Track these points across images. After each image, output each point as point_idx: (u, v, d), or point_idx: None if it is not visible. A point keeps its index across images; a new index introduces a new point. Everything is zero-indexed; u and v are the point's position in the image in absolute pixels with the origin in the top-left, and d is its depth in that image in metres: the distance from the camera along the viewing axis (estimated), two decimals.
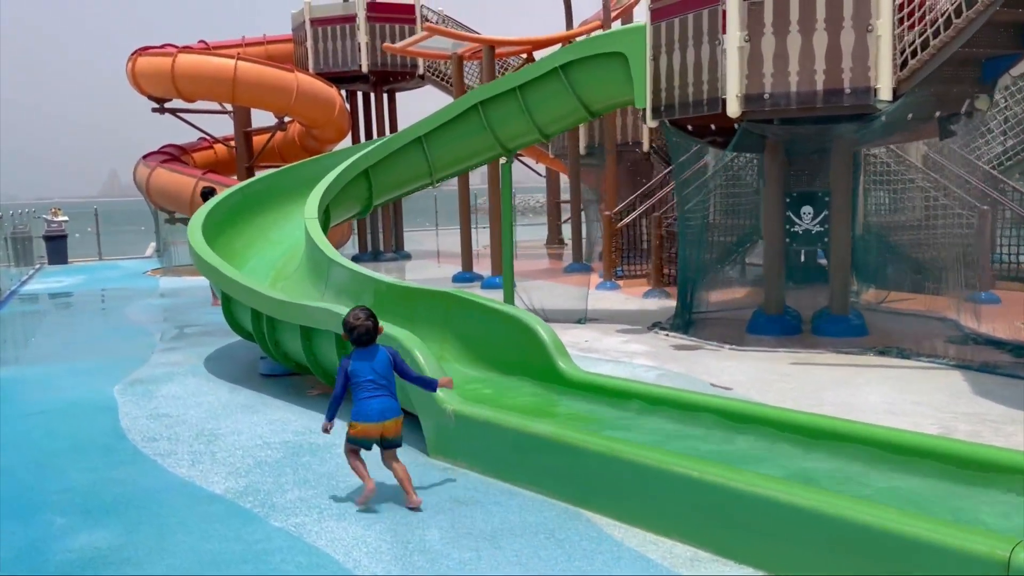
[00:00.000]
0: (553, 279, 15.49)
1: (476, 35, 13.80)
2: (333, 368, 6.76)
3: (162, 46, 18.82)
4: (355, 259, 20.34)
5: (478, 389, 6.15)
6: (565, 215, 23.99)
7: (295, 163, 10.84)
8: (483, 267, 15.83)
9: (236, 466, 5.42)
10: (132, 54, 18.57)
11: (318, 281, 8.35)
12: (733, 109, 8.20)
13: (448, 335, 6.95)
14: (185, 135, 21.20)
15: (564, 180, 23.36)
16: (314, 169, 10.87)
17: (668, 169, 14.15)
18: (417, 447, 5.58)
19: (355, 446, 4.73)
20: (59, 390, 7.80)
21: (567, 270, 16.71)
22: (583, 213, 19.70)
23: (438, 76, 20.19)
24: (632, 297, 12.73)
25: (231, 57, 17.88)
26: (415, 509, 4.58)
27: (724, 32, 8.22)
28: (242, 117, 19.70)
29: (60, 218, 23.21)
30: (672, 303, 12.02)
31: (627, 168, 17.51)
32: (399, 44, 16.27)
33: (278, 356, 7.41)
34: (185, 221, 19.48)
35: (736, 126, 8.46)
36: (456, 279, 15.25)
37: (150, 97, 18.74)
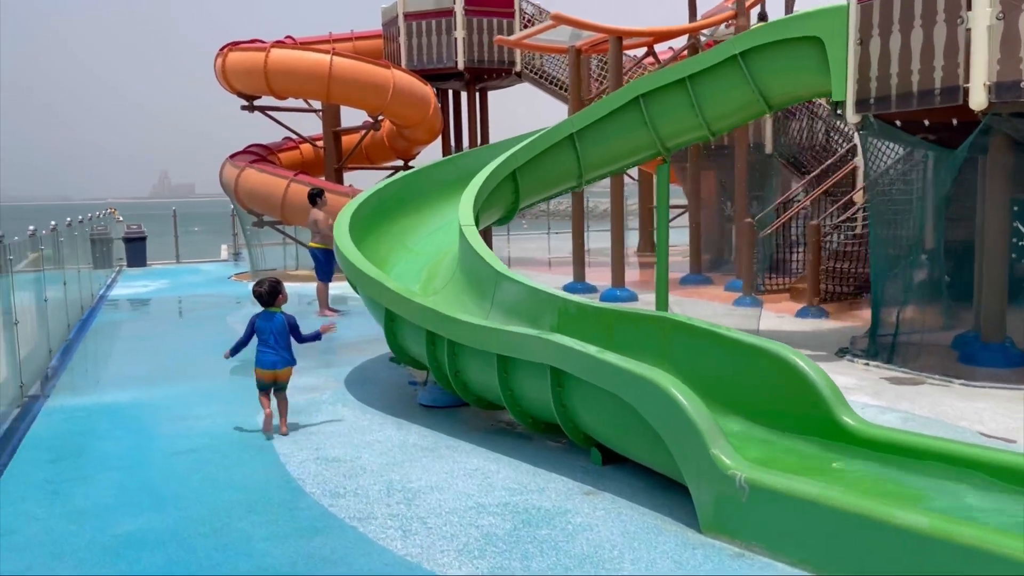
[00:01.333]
0: (674, 292, 14.26)
1: (603, 25, 12.63)
2: (537, 408, 5.65)
3: (250, 41, 18.01)
4: None
5: (737, 446, 4.97)
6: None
7: (428, 165, 9.80)
8: (594, 277, 14.71)
9: (462, 541, 4.31)
10: (222, 49, 17.78)
11: (481, 298, 7.25)
12: (978, 100, 6.91)
13: (669, 371, 5.78)
14: (230, 139, 20.42)
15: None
16: (447, 171, 9.82)
17: (816, 172, 12.86)
18: (683, 521, 4.43)
19: (259, 386, 6.37)
20: (196, 419, 6.80)
21: (684, 282, 15.46)
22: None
23: (535, 73, 19.10)
24: (784, 316, 11.45)
25: (325, 52, 16.97)
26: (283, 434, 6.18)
27: (968, 8, 6.94)
28: (331, 116, 18.83)
29: (116, 219, 22.67)
30: (833, 324, 10.77)
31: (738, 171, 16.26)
32: (514, 36, 15.18)
33: (457, 387, 6.30)
34: (273, 224, 18.70)
35: (980, 118, 7.16)
36: (567, 290, 14.09)
37: (239, 94, 17.92)
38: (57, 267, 10.65)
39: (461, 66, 18.49)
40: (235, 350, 6.50)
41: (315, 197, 12.44)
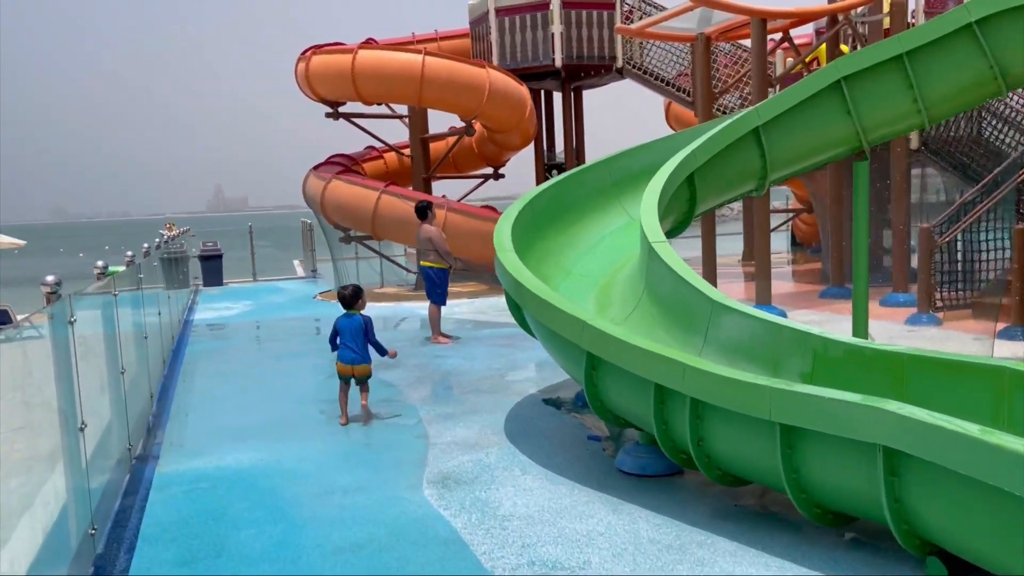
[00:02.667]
0: (817, 307, 12.60)
1: (748, 6, 11.06)
2: (842, 497, 4.11)
3: (332, 44, 16.81)
4: None
5: None
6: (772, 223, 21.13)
7: (579, 169, 8.34)
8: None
9: None
10: (304, 52, 16.64)
11: (687, 332, 5.75)
12: None
13: None
14: (281, 152, 19.25)
15: None
16: (601, 175, 8.36)
17: (997, 170, 11.08)
18: None
19: (340, 379, 7.24)
20: (343, 494, 5.41)
21: (824, 295, 13.76)
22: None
23: (638, 69, 17.56)
24: (979, 336, 9.70)
25: (417, 52, 15.69)
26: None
27: None
28: (419, 121, 17.57)
29: (173, 233, 21.75)
30: None
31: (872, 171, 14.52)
32: (636, 25, 13.68)
33: (697, 459, 4.77)
34: (362, 240, 17.48)
35: None
36: None
37: (323, 101, 16.75)
38: (148, 288, 9.47)
39: (559, 63, 17.05)
40: (333, 347, 7.42)
41: (424, 210, 11.09)
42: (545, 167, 18.65)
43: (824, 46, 14.92)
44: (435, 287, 11.03)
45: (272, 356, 10.81)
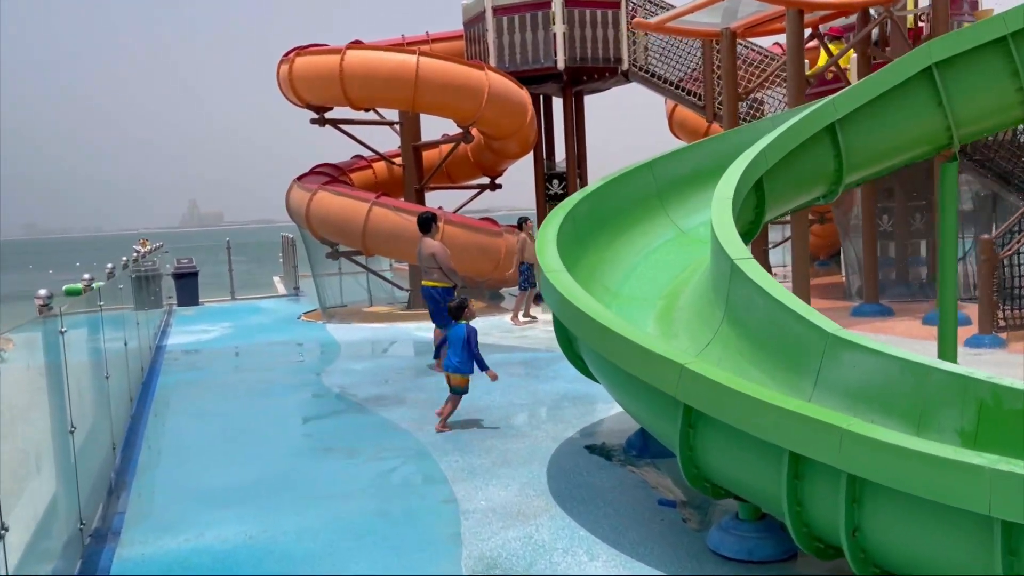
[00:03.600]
0: (855, 327, 11.50)
1: None
2: None
3: (317, 45, 15.54)
4: (539, 298, 16.70)
5: None
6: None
7: (618, 174, 7.13)
8: None
9: None
10: (288, 54, 15.37)
11: (792, 373, 4.55)
12: None
13: None
14: (257, 167, 17.98)
15: None
16: (644, 182, 7.19)
17: None
18: None
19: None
20: None
21: (857, 313, 12.68)
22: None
23: (644, 71, 16.48)
24: None
25: (411, 52, 14.49)
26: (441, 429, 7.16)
27: None
28: (411, 128, 16.34)
29: (146, 248, 20.39)
30: None
31: (897, 179, 13.55)
32: (656, 19, 12.56)
33: (851, 554, 3.55)
34: (350, 255, 16.19)
35: None
36: None
37: (309, 106, 15.48)
38: (115, 310, 8.15)
39: (561, 66, 15.91)
40: (436, 353, 8.22)
41: (428, 223, 9.82)
42: (545, 177, 17.49)
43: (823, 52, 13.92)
44: (440, 309, 9.77)
45: (257, 390, 9.50)
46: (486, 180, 17.71)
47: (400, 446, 6.79)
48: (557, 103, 18.18)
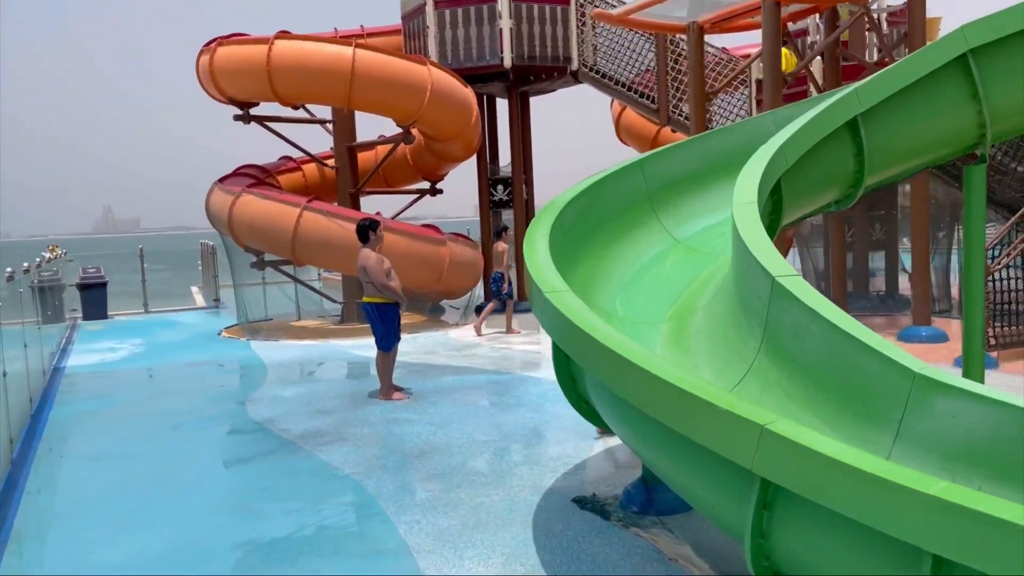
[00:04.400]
0: None
1: None
2: None
3: (240, 35, 14.14)
4: (480, 310, 15.66)
5: None
6: None
7: (606, 174, 6.08)
8: None
9: None
10: (209, 44, 13.95)
11: (863, 423, 3.59)
12: None
13: None
14: (177, 172, 16.54)
15: None
16: (632, 183, 6.18)
17: None
18: None
19: None
20: None
21: None
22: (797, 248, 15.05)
23: (596, 72, 15.60)
24: None
25: (346, 44, 13.25)
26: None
27: None
28: (346, 127, 15.10)
29: (54, 254, 18.62)
30: None
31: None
32: (618, 11, 11.60)
33: None
34: (277, 265, 14.82)
35: None
36: None
37: (232, 101, 14.07)
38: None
39: (508, 64, 14.90)
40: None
41: (365, 232, 8.60)
42: (489, 182, 16.42)
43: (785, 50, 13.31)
44: (378, 329, 8.58)
45: (170, 424, 8.14)
46: (426, 184, 16.54)
47: (346, 501, 5.59)
48: (501, 104, 17.15)
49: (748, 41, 17.65)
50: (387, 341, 8.58)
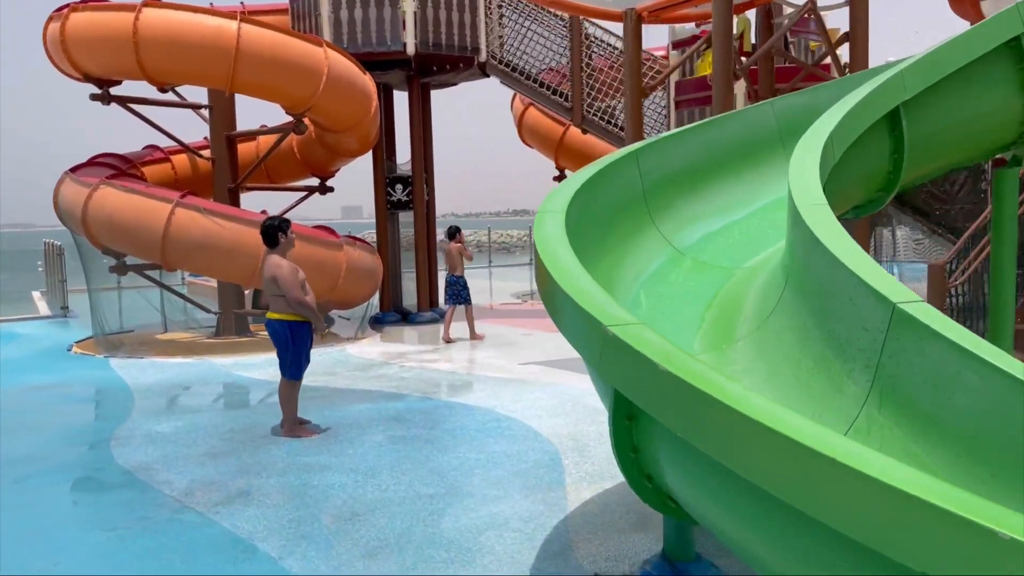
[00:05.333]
0: None
1: None
2: None
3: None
4: (376, 323, 14.28)
5: None
6: None
7: (604, 162, 4.88)
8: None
9: None
10: (60, 10, 11.84)
11: (972, 461, 2.62)
12: None
13: None
14: (16, 160, 14.46)
15: None
16: (627, 178, 5.05)
17: None
18: None
19: None
20: None
21: None
22: None
23: (506, 66, 14.48)
24: None
25: (229, 16, 11.53)
26: None
27: None
28: (225, 114, 13.33)
29: None
30: None
31: None
32: None
33: None
34: (140, 269, 12.84)
35: None
36: None
37: (88, 77, 12.03)
38: None
39: (411, 51, 13.54)
40: None
41: (275, 233, 7.10)
42: (386, 180, 14.97)
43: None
44: (291, 351, 7.08)
45: (9, 476, 6.34)
46: (315, 181, 14.91)
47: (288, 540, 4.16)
48: (399, 97, 15.73)
49: (658, 42, 16.99)
50: (297, 367, 7.09)
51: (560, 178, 17.90)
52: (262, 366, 10.63)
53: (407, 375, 9.86)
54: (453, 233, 12.59)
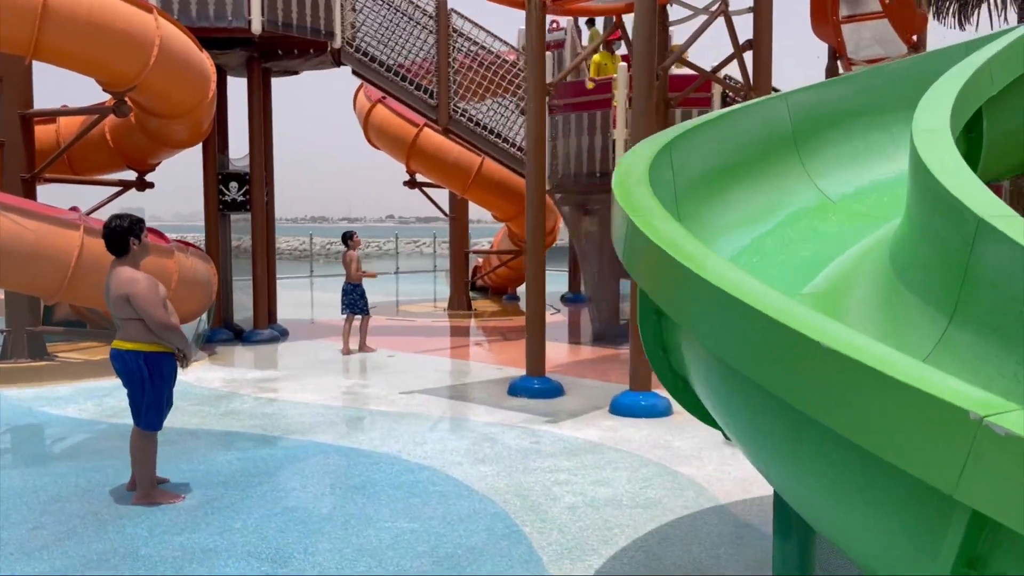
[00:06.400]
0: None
1: None
2: None
3: None
4: (206, 341, 12.42)
5: None
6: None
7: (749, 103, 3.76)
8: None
9: None
10: None
11: None
12: None
13: None
14: None
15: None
16: (777, 112, 4.14)
17: None
18: None
19: None
20: None
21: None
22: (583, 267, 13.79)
23: (363, 55, 13.02)
24: None
25: None
26: None
27: None
28: (19, 90, 10.89)
29: None
30: None
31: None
32: None
33: None
34: None
35: None
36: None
37: None
38: None
39: (257, 29, 11.76)
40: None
41: (124, 238, 5.36)
42: (219, 177, 13.00)
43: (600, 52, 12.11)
44: (149, 392, 5.35)
45: None
46: (132, 175, 12.66)
47: None
48: (234, 83, 13.76)
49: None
50: (157, 413, 5.37)
51: (411, 183, 16.56)
52: (73, 399, 8.58)
53: (268, 409, 8.23)
54: (347, 240, 11.84)
